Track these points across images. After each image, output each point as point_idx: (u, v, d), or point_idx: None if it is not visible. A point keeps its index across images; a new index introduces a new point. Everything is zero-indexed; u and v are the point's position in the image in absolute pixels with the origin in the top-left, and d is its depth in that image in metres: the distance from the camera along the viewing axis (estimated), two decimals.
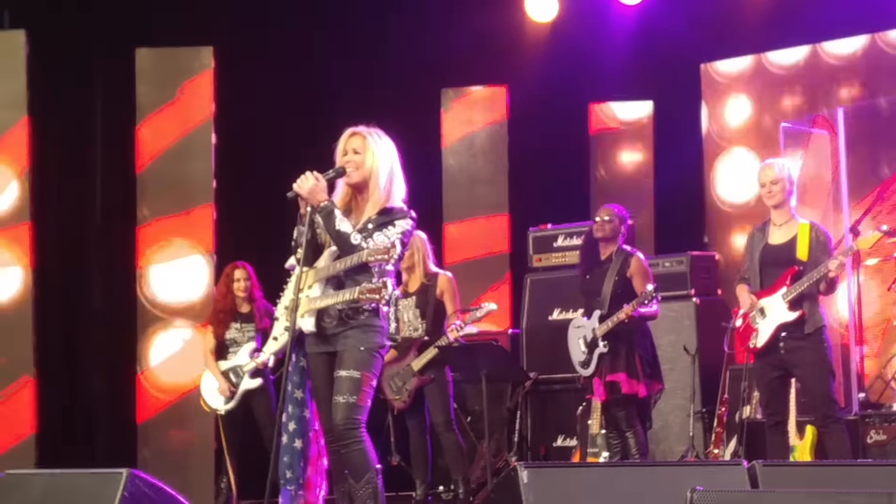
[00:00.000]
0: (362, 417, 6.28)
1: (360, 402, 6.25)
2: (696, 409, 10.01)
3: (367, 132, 6.50)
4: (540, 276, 11.18)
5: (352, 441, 6.25)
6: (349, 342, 6.31)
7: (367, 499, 6.25)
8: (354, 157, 6.43)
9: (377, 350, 6.36)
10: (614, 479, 5.22)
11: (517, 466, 5.01)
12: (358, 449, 6.26)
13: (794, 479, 5.22)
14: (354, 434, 6.25)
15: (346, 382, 6.25)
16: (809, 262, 7.92)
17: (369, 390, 6.31)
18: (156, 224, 11.34)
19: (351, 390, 6.24)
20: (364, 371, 6.28)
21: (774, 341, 7.95)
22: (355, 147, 6.45)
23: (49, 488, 5.81)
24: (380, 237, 6.30)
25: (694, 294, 10.53)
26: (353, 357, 6.29)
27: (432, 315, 9.80)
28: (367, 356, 6.31)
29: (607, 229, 9.14)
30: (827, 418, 7.92)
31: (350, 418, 6.24)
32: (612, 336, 8.87)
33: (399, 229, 6.38)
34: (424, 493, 10.05)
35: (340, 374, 6.27)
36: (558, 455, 10.60)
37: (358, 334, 6.30)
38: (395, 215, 6.41)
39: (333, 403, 6.26)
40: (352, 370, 6.26)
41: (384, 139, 6.54)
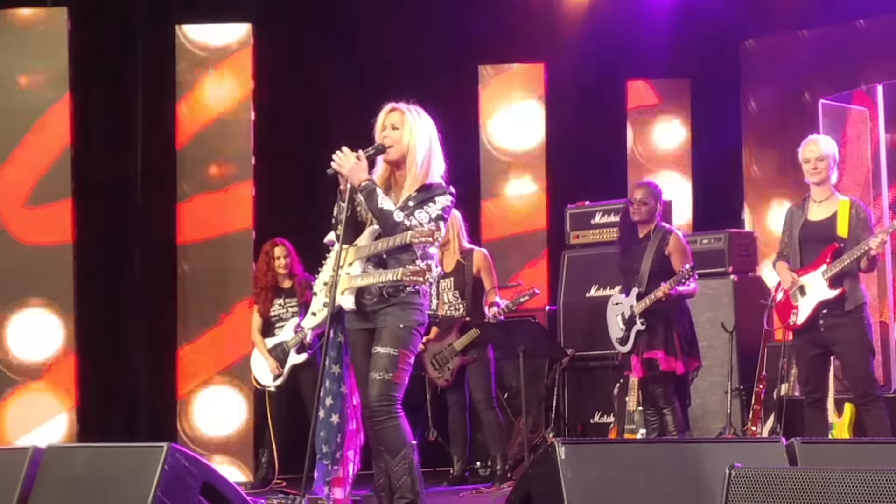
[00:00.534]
0: (398, 394, 6.29)
1: (395, 379, 6.27)
2: (733, 387, 10.00)
3: (405, 108, 6.48)
4: (577, 252, 11.17)
5: (387, 417, 6.27)
6: (388, 319, 6.31)
7: (403, 474, 6.27)
8: (392, 132, 6.42)
9: (416, 327, 6.36)
10: (652, 456, 5.23)
11: (555, 442, 5.02)
12: (393, 425, 6.28)
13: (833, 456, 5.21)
14: (389, 410, 6.27)
15: (383, 359, 6.27)
16: (850, 239, 7.87)
17: (406, 367, 6.32)
18: (196, 200, 11.39)
19: (387, 367, 6.25)
20: (401, 348, 6.29)
21: (814, 318, 7.92)
22: (394, 122, 6.45)
23: (90, 462, 5.85)
24: (421, 214, 6.29)
25: (732, 271, 10.50)
26: (392, 334, 6.29)
27: (471, 294, 9.82)
28: (405, 333, 6.31)
29: (643, 212, 9.09)
30: (866, 396, 7.88)
31: (385, 395, 6.25)
32: (650, 313, 8.86)
33: (440, 206, 6.37)
34: (462, 468, 10.09)
35: (378, 351, 6.29)
36: (595, 432, 10.60)
37: (397, 311, 6.31)
38: (435, 191, 6.40)
39: (370, 380, 6.27)
40: (389, 347, 6.27)
41: (423, 116, 6.52)
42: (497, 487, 9.56)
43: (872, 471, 3.82)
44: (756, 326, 9.71)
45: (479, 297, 9.84)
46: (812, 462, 5.06)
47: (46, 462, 5.92)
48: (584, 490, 4.88)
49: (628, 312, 8.99)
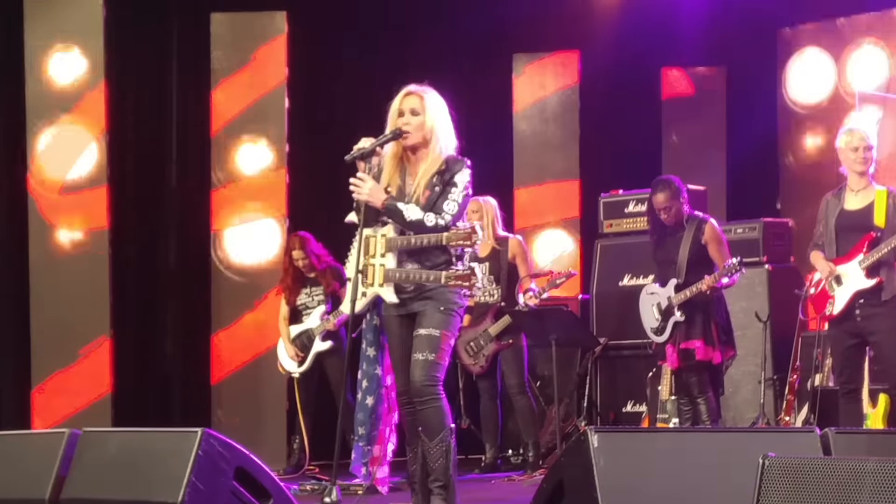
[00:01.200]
0: (440, 375, 6.30)
1: (438, 359, 6.28)
2: (767, 377, 9.97)
3: (423, 91, 6.45)
4: (611, 241, 11.16)
5: (430, 398, 6.28)
6: (429, 303, 6.32)
7: (440, 457, 6.29)
8: (413, 118, 6.39)
9: (456, 310, 6.38)
10: (685, 445, 5.22)
11: (587, 431, 5.02)
12: (436, 406, 6.29)
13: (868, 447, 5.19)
14: (433, 391, 6.28)
15: (426, 340, 6.28)
16: (887, 228, 7.83)
17: (447, 349, 6.34)
18: (230, 187, 11.43)
19: (431, 348, 6.27)
20: (443, 330, 6.31)
21: (850, 308, 7.89)
22: (413, 107, 6.41)
23: (125, 446, 5.89)
24: (449, 205, 6.30)
25: (766, 261, 10.47)
26: (433, 317, 6.31)
27: (506, 280, 9.83)
28: (446, 316, 6.33)
29: (672, 214, 8.97)
30: None
31: (429, 375, 6.26)
32: (687, 304, 8.82)
33: (461, 186, 6.37)
34: (494, 456, 10.11)
35: (420, 333, 6.31)
36: (628, 420, 10.60)
37: (437, 295, 6.32)
38: (454, 169, 6.39)
39: (413, 361, 6.28)
40: (431, 329, 6.29)
41: (437, 98, 6.49)
42: (529, 475, 9.58)
43: None
44: (790, 316, 9.67)
45: (513, 283, 9.85)
46: (846, 452, 5.05)
47: (82, 446, 5.96)
48: (617, 478, 4.88)
49: (665, 303, 8.95)
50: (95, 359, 10.97)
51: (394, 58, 11.85)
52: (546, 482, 5.32)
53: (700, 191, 10.89)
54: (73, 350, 10.98)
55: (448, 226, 6.27)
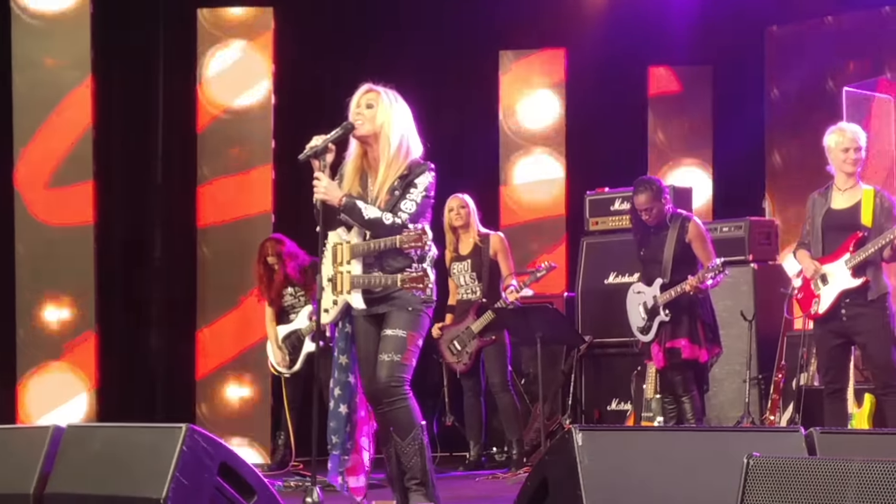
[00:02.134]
0: (407, 376, 6.31)
1: (404, 360, 6.29)
2: (752, 376, 9.99)
3: (381, 90, 6.45)
4: (596, 239, 11.16)
5: (396, 399, 6.29)
6: (396, 303, 6.33)
7: (414, 455, 6.30)
8: (367, 110, 6.40)
9: (423, 309, 6.38)
10: (669, 444, 5.22)
11: (572, 429, 5.02)
12: (403, 406, 6.30)
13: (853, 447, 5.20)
14: (399, 392, 6.29)
15: (391, 341, 6.29)
16: (873, 228, 7.81)
17: (414, 349, 6.35)
18: (216, 183, 11.42)
19: (396, 349, 6.28)
20: (410, 330, 6.32)
21: (836, 308, 7.87)
22: (369, 101, 6.42)
23: (109, 441, 5.87)
24: (407, 204, 6.30)
25: (752, 259, 10.48)
26: (400, 317, 6.32)
27: (488, 276, 9.85)
28: (413, 316, 6.34)
29: (654, 214, 8.98)
30: (888, 387, 7.84)
31: (394, 376, 6.27)
32: (673, 303, 8.82)
33: (422, 187, 6.35)
34: (478, 453, 10.12)
35: (386, 334, 6.32)
36: (612, 419, 10.61)
37: (404, 295, 6.32)
38: (415, 172, 6.37)
39: (378, 362, 6.30)
40: (397, 329, 6.30)
41: (399, 100, 6.47)
42: (513, 473, 9.58)
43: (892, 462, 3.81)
44: (776, 315, 9.69)
45: (495, 280, 9.88)
46: (831, 452, 5.05)
47: (66, 441, 5.95)
48: (601, 477, 4.88)
49: (651, 302, 8.96)
50: (80, 354, 10.96)
51: (380, 55, 11.84)
52: (530, 480, 5.32)
53: (685, 189, 10.90)
54: (58, 345, 10.96)
55: (405, 224, 6.26)
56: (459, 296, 10.04)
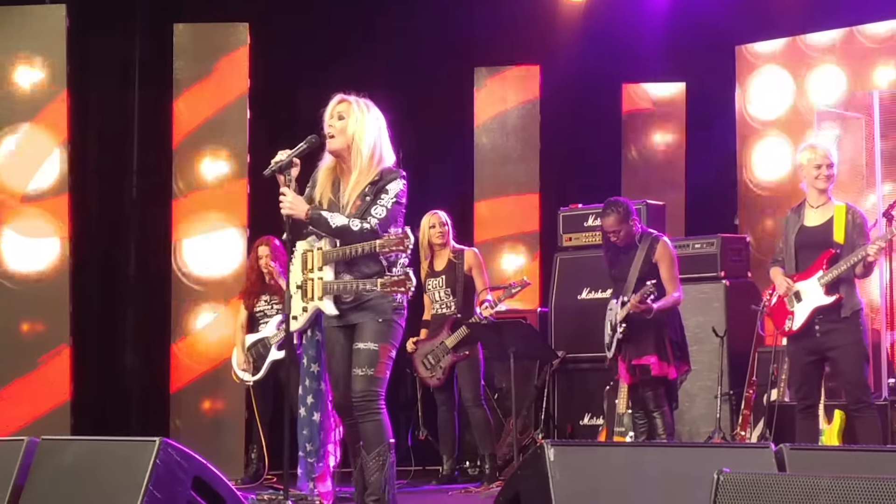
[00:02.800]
0: (381, 389, 6.31)
1: (377, 374, 6.29)
2: (723, 391, 10.03)
3: (353, 99, 6.47)
4: (569, 255, 11.19)
5: (369, 412, 6.29)
6: (367, 314, 6.33)
7: (376, 470, 6.29)
8: (338, 122, 6.43)
9: (395, 320, 6.37)
10: (641, 459, 5.25)
11: (544, 444, 5.04)
12: (375, 420, 6.30)
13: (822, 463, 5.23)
14: (373, 406, 6.29)
15: (364, 355, 6.29)
16: (846, 245, 7.85)
17: (388, 362, 6.34)
18: (191, 197, 11.42)
19: (369, 362, 6.28)
20: (381, 343, 6.31)
21: (810, 325, 7.90)
22: (340, 112, 6.45)
23: (83, 455, 5.87)
24: (377, 209, 6.29)
25: (724, 276, 10.52)
26: (371, 329, 6.31)
27: (462, 292, 9.88)
28: (384, 328, 6.33)
29: (622, 236, 9.00)
30: (859, 403, 7.85)
31: (368, 390, 6.27)
32: (639, 321, 8.85)
33: (393, 193, 6.35)
34: (451, 467, 10.13)
35: (359, 347, 6.31)
36: (584, 434, 10.63)
37: (374, 306, 6.33)
38: (386, 179, 6.38)
39: (353, 376, 6.29)
40: (369, 342, 6.29)
41: (371, 108, 6.48)
42: (486, 487, 9.60)
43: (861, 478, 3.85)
44: (747, 331, 9.73)
45: (469, 295, 9.91)
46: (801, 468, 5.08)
47: (40, 454, 5.94)
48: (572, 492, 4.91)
49: (615, 320, 9.00)
50: (55, 367, 10.93)
51: (356, 69, 11.86)
52: (502, 494, 5.35)
53: (658, 206, 10.95)
54: (32, 358, 10.94)
55: (375, 230, 6.27)
56: (434, 311, 10.06)
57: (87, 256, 11.67)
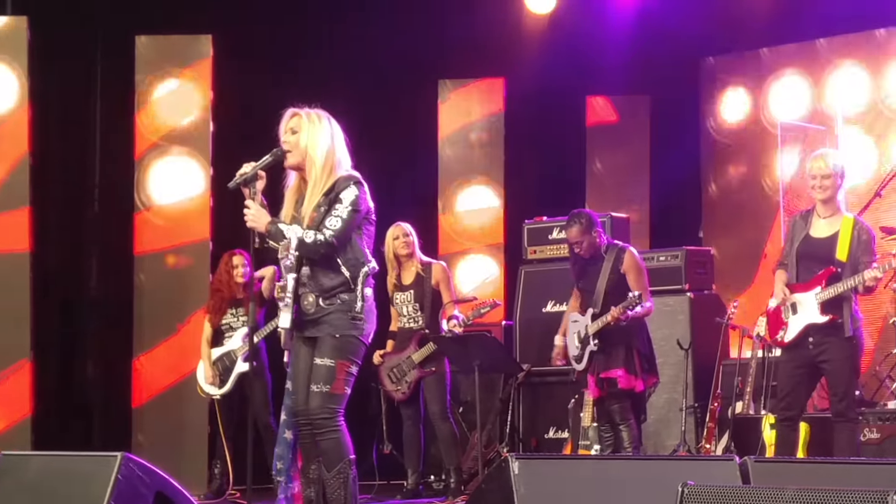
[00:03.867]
0: (338, 406, 6.26)
1: (334, 390, 6.24)
2: (688, 404, 10.04)
3: (304, 112, 6.43)
4: (534, 268, 11.19)
5: (327, 430, 6.25)
6: (325, 329, 6.29)
7: (338, 488, 6.24)
8: (291, 136, 6.40)
9: (355, 335, 6.33)
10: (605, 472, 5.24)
11: (508, 457, 5.03)
12: (333, 438, 6.26)
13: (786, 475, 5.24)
14: (330, 423, 6.25)
15: (322, 371, 6.25)
16: (848, 263, 7.75)
17: (346, 377, 6.28)
18: (153, 210, 11.37)
19: (326, 379, 6.24)
20: (339, 359, 6.26)
21: (803, 337, 7.84)
22: (293, 126, 6.42)
23: (44, 470, 5.84)
24: (331, 220, 6.26)
25: (688, 289, 10.53)
26: (329, 344, 6.28)
27: (430, 307, 9.85)
28: (342, 343, 6.29)
29: (585, 247, 8.99)
30: (841, 416, 7.81)
31: (324, 407, 6.23)
32: (607, 333, 8.84)
33: (346, 202, 6.30)
34: (416, 481, 10.10)
35: (316, 363, 6.28)
36: (549, 447, 10.62)
37: (334, 320, 6.29)
38: (339, 188, 6.33)
39: (309, 392, 6.27)
40: (326, 358, 6.25)
41: (323, 119, 6.44)
42: (450, 501, 9.58)
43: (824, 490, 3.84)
44: (712, 344, 9.75)
45: (437, 309, 9.89)
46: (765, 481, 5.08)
47: (2, 470, 5.91)
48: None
49: (584, 332, 8.98)
50: (15, 382, 10.85)
51: (320, 82, 11.83)
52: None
53: (623, 218, 10.96)
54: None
55: (330, 242, 6.23)
56: (401, 324, 10.03)
57: (48, 270, 11.59)
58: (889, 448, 8.86)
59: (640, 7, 12.14)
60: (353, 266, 6.32)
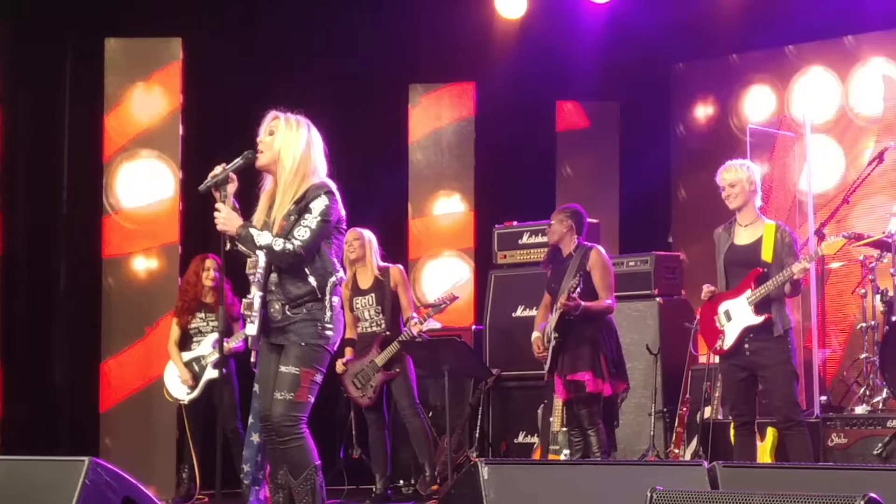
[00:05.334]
0: (302, 414, 6.25)
1: (297, 398, 6.23)
2: (657, 409, 10.05)
3: (284, 116, 6.43)
4: (504, 272, 11.19)
5: (290, 438, 6.24)
6: (291, 337, 6.29)
7: (306, 495, 6.23)
8: (267, 138, 6.40)
9: (320, 344, 6.31)
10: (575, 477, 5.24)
11: (478, 462, 5.02)
12: (297, 445, 6.25)
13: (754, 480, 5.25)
14: (293, 430, 6.23)
15: (285, 379, 6.24)
16: (774, 263, 7.87)
17: (310, 385, 6.27)
18: (122, 214, 11.33)
19: (289, 387, 6.22)
20: (303, 367, 6.25)
21: (740, 343, 7.92)
22: (271, 128, 6.42)
23: (11, 475, 5.81)
24: (300, 231, 6.25)
25: (658, 294, 10.54)
26: (294, 353, 6.27)
27: (391, 309, 9.86)
28: (307, 351, 6.28)
29: (554, 232, 9.14)
30: (789, 421, 7.89)
31: (287, 415, 6.22)
32: (575, 334, 8.84)
33: (316, 212, 6.29)
34: (384, 486, 10.08)
35: (281, 370, 6.26)
36: (519, 452, 10.63)
37: (299, 329, 6.28)
38: (309, 197, 6.32)
39: (273, 399, 6.26)
40: (290, 366, 6.24)
41: (301, 124, 6.43)
42: None
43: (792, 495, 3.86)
44: (681, 349, 9.77)
45: (397, 312, 9.89)
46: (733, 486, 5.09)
47: None
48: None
49: (549, 330, 8.98)
50: None
51: (290, 85, 11.81)
52: None
53: (593, 223, 10.96)
54: None
55: (298, 252, 6.21)
56: (361, 329, 10.00)
57: (16, 272, 11.53)
58: (857, 453, 8.90)
59: (610, 13, 12.17)
60: (321, 275, 6.31)
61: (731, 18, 11.77)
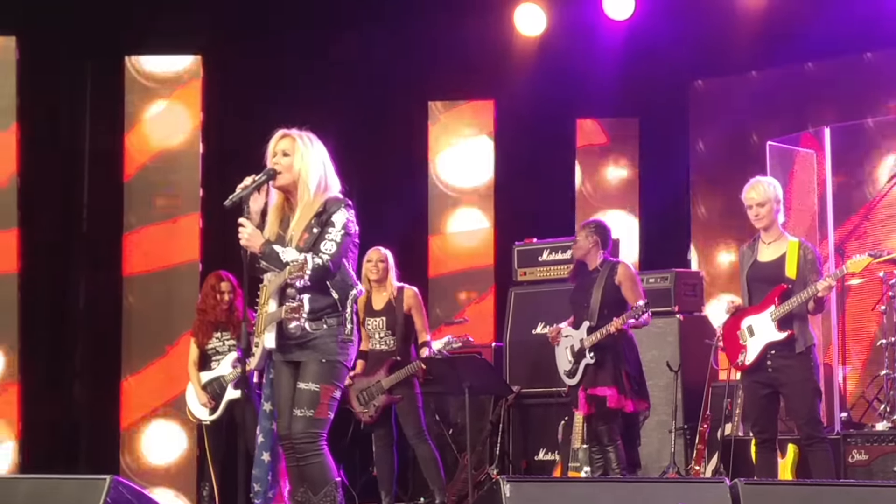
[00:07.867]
0: (322, 430, 6.27)
1: (318, 415, 6.25)
2: (677, 426, 10.03)
3: (296, 134, 6.46)
4: (524, 289, 11.18)
5: (310, 454, 6.25)
6: (310, 354, 6.30)
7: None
8: (283, 159, 6.41)
9: (340, 361, 6.33)
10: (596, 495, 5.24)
11: (500, 480, 5.02)
12: (316, 462, 6.26)
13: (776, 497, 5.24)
14: (313, 448, 6.25)
15: (306, 396, 6.25)
16: (798, 280, 7.87)
17: (329, 402, 6.29)
18: (142, 232, 11.35)
19: (310, 404, 6.24)
20: (323, 383, 6.27)
21: (762, 359, 7.91)
22: (284, 149, 6.43)
23: (33, 493, 5.82)
24: (327, 245, 6.27)
25: (678, 311, 10.53)
26: (314, 369, 6.28)
27: (402, 332, 9.78)
28: (327, 368, 6.29)
29: (579, 247, 9.21)
30: (811, 438, 7.86)
31: (307, 432, 6.24)
32: (598, 349, 8.86)
33: (339, 226, 6.32)
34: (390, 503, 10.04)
35: (300, 387, 6.28)
36: (539, 469, 10.61)
37: (319, 345, 6.29)
38: (330, 210, 6.34)
39: (293, 416, 6.26)
40: (310, 383, 6.25)
41: (315, 142, 6.47)
42: None
43: None
44: (701, 366, 9.73)
45: (409, 335, 9.82)
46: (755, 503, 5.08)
47: None
48: None
49: (578, 346, 8.98)
50: (3, 404, 10.82)
51: (309, 103, 11.83)
52: None
53: (613, 241, 10.95)
54: None
55: (326, 266, 6.22)
56: (372, 345, 9.93)
57: (36, 291, 11.55)
58: (877, 469, 8.87)
59: (629, 30, 12.16)
60: (342, 289, 6.33)
61: (750, 36, 11.74)
